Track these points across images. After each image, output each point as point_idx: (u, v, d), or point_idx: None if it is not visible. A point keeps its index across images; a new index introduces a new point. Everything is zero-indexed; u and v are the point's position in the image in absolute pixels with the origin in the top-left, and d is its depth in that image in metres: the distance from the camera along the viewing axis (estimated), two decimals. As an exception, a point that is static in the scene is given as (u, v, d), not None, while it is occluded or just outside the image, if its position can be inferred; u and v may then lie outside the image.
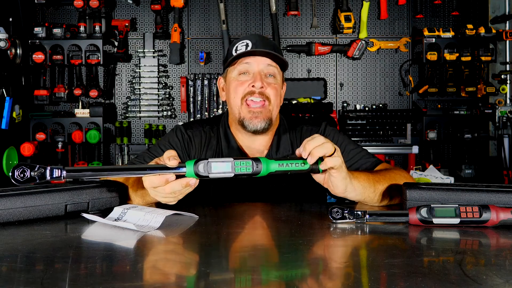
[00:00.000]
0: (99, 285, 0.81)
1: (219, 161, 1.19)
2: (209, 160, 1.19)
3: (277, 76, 1.67)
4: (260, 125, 1.63)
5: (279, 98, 1.68)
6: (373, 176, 1.45)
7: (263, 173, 1.21)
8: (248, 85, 1.63)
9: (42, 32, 3.63)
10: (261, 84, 1.61)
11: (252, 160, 1.21)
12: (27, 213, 1.21)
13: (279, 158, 1.24)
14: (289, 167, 1.22)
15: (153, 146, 1.75)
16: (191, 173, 1.18)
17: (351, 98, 4.03)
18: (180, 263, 0.99)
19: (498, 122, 3.73)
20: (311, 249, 1.06)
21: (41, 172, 1.09)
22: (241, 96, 1.63)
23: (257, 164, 1.20)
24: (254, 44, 1.63)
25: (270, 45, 1.67)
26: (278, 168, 1.22)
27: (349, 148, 1.70)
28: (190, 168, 1.18)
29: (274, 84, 1.65)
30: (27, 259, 0.97)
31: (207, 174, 1.18)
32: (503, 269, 0.89)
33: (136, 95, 3.94)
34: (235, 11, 4.00)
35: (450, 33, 3.72)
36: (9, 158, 3.40)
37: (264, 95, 1.63)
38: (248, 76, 1.65)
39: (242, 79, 1.65)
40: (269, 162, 1.21)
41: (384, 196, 1.43)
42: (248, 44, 1.64)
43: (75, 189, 1.29)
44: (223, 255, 1.03)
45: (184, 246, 1.12)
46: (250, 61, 1.64)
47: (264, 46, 1.64)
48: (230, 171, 1.19)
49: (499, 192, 1.26)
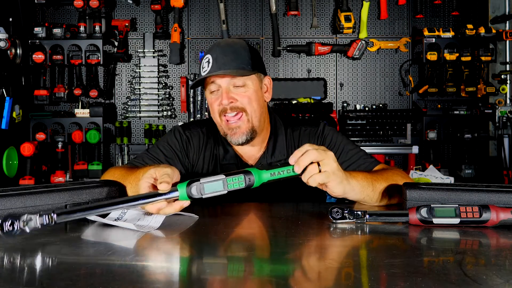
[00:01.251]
0: (99, 285, 0.81)
1: (211, 180, 1.18)
2: (201, 181, 1.17)
3: (247, 82, 1.64)
4: (241, 139, 1.64)
5: (255, 103, 1.65)
6: (371, 175, 1.45)
7: (256, 185, 1.20)
8: (218, 103, 1.63)
9: (42, 32, 3.62)
10: (228, 101, 1.61)
11: (244, 174, 1.19)
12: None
13: (270, 166, 1.22)
14: (281, 174, 1.22)
15: (152, 147, 1.76)
16: (184, 196, 1.17)
17: (351, 98, 4.03)
18: (180, 263, 0.99)
19: (498, 122, 3.73)
20: (311, 249, 1.06)
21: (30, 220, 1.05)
22: (218, 114, 1.65)
23: (249, 177, 1.19)
24: (214, 60, 1.61)
25: (230, 55, 1.62)
26: (270, 177, 1.21)
27: (347, 149, 1.70)
28: (182, 191, 1.17)
29: (244, 93, 1.63)
30: (27, 259, 0.97)
31: (200, 195, 1.17)
32: (503, 269, 0.89)
33: (136, 95, 3.94)
34: (235, 11, 4.00)
35: (450, 33, 3.72)
36: (9, 158, 3.40)
37: (238, 108, 1.62)
38: (218, 94, 1.64)
39: (214, 97, 1.66)
40: (260, 173, 1.20)
41: (383, 195, 1.43)
42: (209, 60, 1.62)
43: (75, 189, 1.29)
44: (223, 255, 1.03)
45: (184, 246, 1.12)
46: (215, 80, 1.63)
47: (225, 59, 1.60)
48: (222, 189, 1.18)
49: (499, 192, 1.26)
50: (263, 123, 1.71)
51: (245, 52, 1.65)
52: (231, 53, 1.63)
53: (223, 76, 1.61)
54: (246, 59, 1.64)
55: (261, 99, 1.69)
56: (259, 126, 1.67)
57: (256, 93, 1.66)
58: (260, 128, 1.69)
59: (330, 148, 1.72)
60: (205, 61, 1.64)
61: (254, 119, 1.65)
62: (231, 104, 1.62)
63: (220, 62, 1.61)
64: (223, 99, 1.61)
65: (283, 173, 1.22)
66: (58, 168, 3.69)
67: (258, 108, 1.66)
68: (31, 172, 3.51)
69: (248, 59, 1.64)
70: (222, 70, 1.60)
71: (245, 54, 1.65)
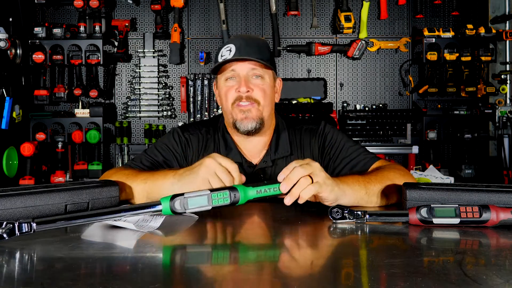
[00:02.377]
0: (99, 285, 0.81)
1: (195, 195, 1.16)
2: (185, 195, 1.16)
3: (265, 76, 1.67)
4: (251, 125, 1.64)
5: (268, 98, 1.68)
6: (364, 177, 1.45)
7: (242, 202, 1.19)
8: (235, 90, 1.64)
9: (42, 32, 3.62)
10: (246, 89, 1.63)
11: (229, 190, 1.18)
12: (27, 213, 1.21)
13: (256, 184, 1.21)
14: (267, 192, 1.21)
15: (150, 148, 1.75)
16: (167, 211, 1.16)
17: (351, 98, 4.03)
18: (180, 263, 0.99)
19: (498, 122, 3.73)
20: (311, 249, 1.06)
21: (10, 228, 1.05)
22: (231, 102, 1.65)
23: (234, 194, 1.18)
24: (237, 49, 1.63)
25: (254, 47, 1.66)
26: (256, 195, 1.20)
27: (347, 146, 1.71)
28: (166, 205, 1.16)
29: (261, 85, 1.66)
30: (27, 259, 0.97)
31: (184, 210, 1.16)
32: (503, 269, 0.89)
33: (136, 95, 3.95)
34: (235, 11, 4.00)
35: (450, 33, 3.72)
36: (9, 158, 3.40)
37: (252, 99, 1.64)
38: (235, 81, 1.66)
39: (229, 84, 1.67)
40: (246, 190, 1.19)
41: (381, 196, 1.43)
42: (231, 49, 1.64)
43: (75, 189, 1.29)
44: (222, 255, 1.03)
45: (184, 246, 1.12)
46: (235, 67, 1.65)
47: (248, 50, 1.63)
48: (207, 204, 1.17)
49: (499, 192, 1.26)
50: (270, 120, 1.73)
51: (266, 48, 1.71)
52: (254, 45, 1.67)
53: (245, 61, 1.63)
54: (267, 54, 1.68)
55: (273, 96, 1.73)
56: (267, 120, 1.69)
57: (271, 88, 1.70)
58: (267, 123, 1.71)
59: (330, 145, 1.73)
60: (225, 50, 1.65)
61: (265, 111, 1.67)
62: (247, 93, 1.63)
63: (243, 51, 1.63)
64: (242, 86, 1.63)
65: (269, 191, 1.21)
66: (58, 168, 3.69)
67: (269, 104, 1.69)
68: (31, 172, 3.51)
69: (268, 55, 1.69)
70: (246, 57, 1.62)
71: (266, 50, 1.70)
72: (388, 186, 1.44)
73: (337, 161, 1.70)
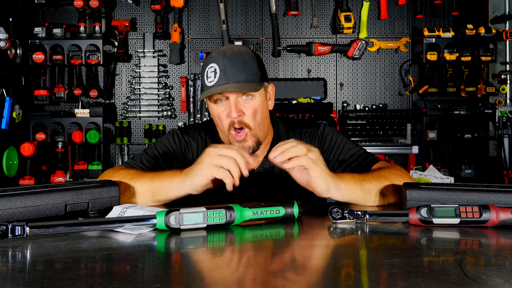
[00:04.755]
0: (99, 285, 0.81)
1: (191, 211, 1.15)
2: (181, 211, 1.15)
3: (255, 94, 1.60)
4: (249, 151, 1.61)
5: (260, 115, 1.62)
6: (361, 176, 1.45)
7: (237, 222, 1.18)
8: (226, 115, 1.60)
9: (42, 32, 3.62)
10: (237, 114, 1.58)
11: (226, 209, 1.17)
12: (27, 213, 1.21)
13: (254, 205, 1.21)
14: (264, 214, 1.20)
15: (149, 148, 1.74)
16: (161, 225, 1.15)
17: (351, 98, 4.03)
18: (180, 263, 0.99)
19: (498, 122, 3.73)
20: (311, 249, 1.06)
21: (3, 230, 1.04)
22: (227, 128, 1.61)
23: (230, 213, 1.17)
24: (222, 71, 1.56)
25: (240, 64, 1.58)
26: (252, 216, 1.19)
27: (347, 148, 1.70)
28: (160, 220, 1.14)
29: (252, 106, 1.60)
30: (27, 258, 0.97)
31: (178, 226, 1.14)
32: (503, 269, 0.89)
33: (136, 95, 3.95)
34: (235, 11, 4.00)
35: (450, 33, 3.72)
36: (9, 158, 3.40)
37: (243, 123, 1.59)
38: (224, 105, 1.60)
39: (220, 108, 1.61)
40: (243, 211, 1.18)
41: (379, 196, 1.43)
42: (216, 70, 1.57)
43: (75, 189, 1.29)
44: (222, 255, 1.03)
45: (184, 246, 1.11)
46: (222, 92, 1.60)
47: (234, 71, 1.56)
48: (202, 222, 1.16)
49: (499, 192, 1.26)
50: (267, 131, 1.70)
51: (253, 62, 1.61)
52: (239, 63, 1.58)
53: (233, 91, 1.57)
54: (254, 70, 1.60)
55: (266, 110, 1.67)
56: (263, 137, 1.67)
57: (262, 104, 1.64)
58: (264, 137, 1.68)
59: (330, 147, 1.73)
60: (210, 71, 1.60)
61: (259, 132, 1.63)
62: (239, 118, 1.59)
63: (228, 73, 1.56)
64: (232, 112, 1.57)
65: (266, 214, 1.21)
66: (58, 168, 3.69)
67: (262, 120, 1.64)
68: (31, 172, 3.51)
69: (256, 69, 1.60)
70: (232, 82, 1.56)
71: (253, 65, 1.61)
72: (385, 185, 1.44)
73: (337, 163, 1.70)
